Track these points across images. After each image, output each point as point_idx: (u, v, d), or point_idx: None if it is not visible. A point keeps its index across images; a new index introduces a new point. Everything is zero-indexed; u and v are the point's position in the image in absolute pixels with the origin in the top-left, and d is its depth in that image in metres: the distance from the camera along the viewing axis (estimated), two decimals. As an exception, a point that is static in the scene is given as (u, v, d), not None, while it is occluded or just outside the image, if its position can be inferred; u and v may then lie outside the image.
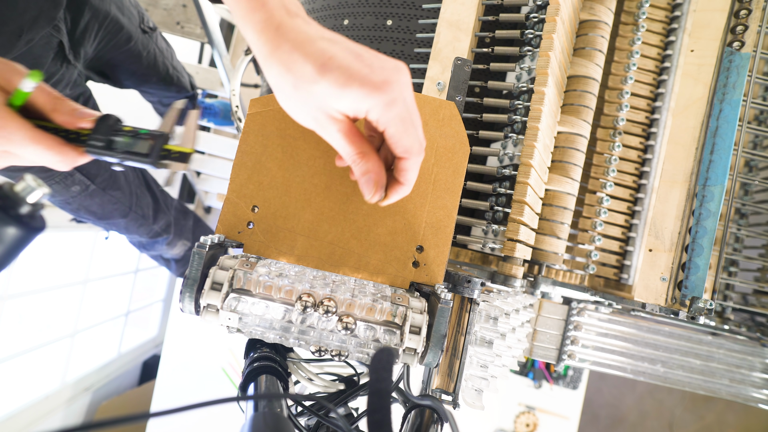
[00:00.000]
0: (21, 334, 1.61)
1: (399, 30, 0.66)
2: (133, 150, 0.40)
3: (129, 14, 1.02)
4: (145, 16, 1.10)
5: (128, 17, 1.01)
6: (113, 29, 0.96)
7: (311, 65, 0.32)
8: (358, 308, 0.42)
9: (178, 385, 1.62)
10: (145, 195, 1.29)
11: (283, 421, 0.36)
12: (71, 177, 1.01)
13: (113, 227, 1.28)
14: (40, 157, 0.38)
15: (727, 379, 0.68)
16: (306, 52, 0.32)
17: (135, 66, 1.11)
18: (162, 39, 1.21)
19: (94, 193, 1.09)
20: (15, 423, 1.57)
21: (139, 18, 1.06)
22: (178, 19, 1.64)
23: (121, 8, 0.98)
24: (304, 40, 0.32)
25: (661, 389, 2.47)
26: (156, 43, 1.15)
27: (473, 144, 0.60)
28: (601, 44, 0.60)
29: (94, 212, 1.15)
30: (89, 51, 0.93)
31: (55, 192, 1.02)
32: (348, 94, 0.32)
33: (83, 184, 1.05)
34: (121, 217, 1.22)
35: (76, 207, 1.10)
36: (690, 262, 0.58)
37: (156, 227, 1.35)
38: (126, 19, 1.00)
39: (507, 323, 0.56)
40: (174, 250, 1.51)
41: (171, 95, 1.34)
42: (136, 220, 1.27)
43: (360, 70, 0.32)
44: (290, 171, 0.49)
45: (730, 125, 0.58)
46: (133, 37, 1.04)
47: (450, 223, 0.49)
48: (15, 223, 0.27)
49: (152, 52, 1.14)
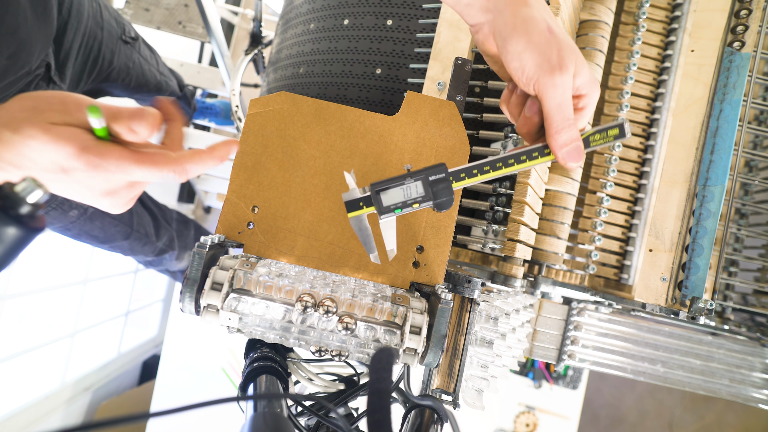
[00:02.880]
0: (21, 334, 1.61)
1: (399, 30, 0.66)
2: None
3: (109, 27, 1.00)
4: (127, 27, 1.08)
5: (108, 31, 0.99)
6: (94, 45, 0.95)
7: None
8: (359, 308, 0.42)
9: (178, 385, 1.62)
10: (144, 213, 1.28)
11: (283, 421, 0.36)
12: (68, 202, 0.98)
13: (117, 250, 1.26)
14: (152, 176, 0.38)
15: (727, 379, 0.68)
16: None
17: (124, 79, 1.09)
18: (145, 47, 1.19)
19: (94, 216, 1.07)
20: (15, 423, 1.56)
21: (120, 29, 1.05)
22: (180, 19, 1.65)
23: (100, 23, 0.96)
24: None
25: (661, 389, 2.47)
26: (140, 53, 1.13)
27: (473, 144, 0.60)
28: (601, 44, 0.60)
29: (96, 236, 1.13)
30: (74, 70, 0.91)
31: (53, 219, 0.99)
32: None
33: (81, 208, 1.03)
34: (124, 238, 1.20)
35: (77, 232, 1.08)
36: (690, 262, 0.58)
37: (160, 244, 1.34)
38: (106, 33, 0.98)
39: (507, 323, 0.56)
40: (182, 263, 1.51)
41: None
42: (140, 239, 1.26)
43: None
44: (290, 171, 0.49)
45: (731, 125, 0.58)
46: (115, 51, 1.02)
47: (450, 223, 0.49)
48: (15, 223, 0.27)
49: (137, 62, 1.12)
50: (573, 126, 0.40)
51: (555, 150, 0.41)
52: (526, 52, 0.38)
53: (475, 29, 0.43)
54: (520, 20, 0.38)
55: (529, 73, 0.38)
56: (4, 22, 0.68)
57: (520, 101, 0.43)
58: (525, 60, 0.38)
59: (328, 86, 0.71)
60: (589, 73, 0.40)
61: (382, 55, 0.67)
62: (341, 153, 0.49)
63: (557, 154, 0.41)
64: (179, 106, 0.43)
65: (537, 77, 0.38)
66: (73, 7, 0.85)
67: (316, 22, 0.74)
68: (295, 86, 0.76)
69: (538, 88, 0.39)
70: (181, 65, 1.70)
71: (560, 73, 0.38)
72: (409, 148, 0.50)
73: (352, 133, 0.50)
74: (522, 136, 0.44)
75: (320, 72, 0.72)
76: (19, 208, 0.27)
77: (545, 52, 0.38)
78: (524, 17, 0.38)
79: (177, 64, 1.69)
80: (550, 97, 0.39)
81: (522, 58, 0.38)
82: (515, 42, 0.38)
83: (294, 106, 0.50)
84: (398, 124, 0.50)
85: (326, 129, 0.50)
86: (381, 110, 0.66)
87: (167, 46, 1.87)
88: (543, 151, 0.42)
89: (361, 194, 0.41)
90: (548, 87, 0.38)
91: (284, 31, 0.85)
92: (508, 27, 0.39)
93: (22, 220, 0.27)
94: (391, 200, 0.41)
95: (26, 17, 0.72)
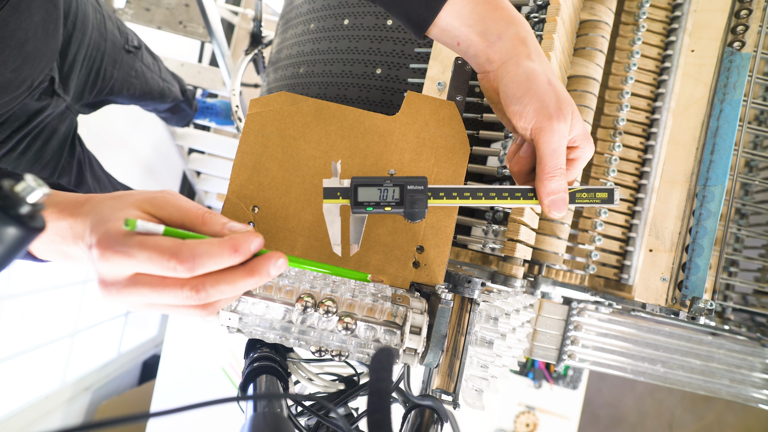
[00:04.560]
0: (21, 334, 1.61)
1: (399, 30, 0.66)
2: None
3: (113, 38, 0.99)
4: (129, 36, 1.07)
5: (112, 41, 0.99)
6: (97, 56, 0.95)
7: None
8: (359, 308, 0.42)
9: (178, 385, 1.62)
10: None
11: (283, 421, 0.36)
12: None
13: None
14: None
15: (727, 379, 0.68)
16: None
17: (128, 89, 1.09)
18: (148, 55, 1.18)
19: None
20: (15, 423, 1.56)
21: (123, 39, 1.04)
22: (181, 18, 1.65)
23: (104, 34, 0.96)
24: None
25: (661, 389, 2.47)
26: (142, 61, 1.13)
27: (473, 144, 0.60)
28: (601, 44, 0.60)
29: None
30: (78, 82, 0.91)
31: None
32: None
33: None
34: None
35: None
36: (690, 262, 0.57)
37: None
38: (109, 44, 0.98)
39: (507, 323, 0.56)
40: None
41: (166, 104, 1.34)
42: None
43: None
44: (290, 171, 0.49)
45: (731, 125, 0.58)
46: (117, 61, 1.02)
47: (450, 223, 0.49)
48: (15, 223, 0.27)
49: (140, 71, 1.12)
50: (563, 176, 0.42)
51: (542, 196, 0.42)
52: (526, 98, 0.40)
53: (481, 76, 0.45)
54: (522, 71, 0.41)
55: (528, 118, 0.41)
56: (15, 37, 0.68)
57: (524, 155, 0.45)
58: (525, 105, 0.40)
59: (328, 86, 0.71)
60: (583, 128, 0.42)
61: (382, 55, 0.67)
62: (341, 153, 0.49)
63: (543, 201, 0.42)
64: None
65: (535, 121, 0.40)
66: (78, 20, 0.85)
67: (316, 22, 0.74)
68: (295, 86, 0.76)
69: (535, 133, 0.41)
70: (181, 65, 1.70)
71: (557, 121, 0.40)
72: (409, 148, 0.50)
73: (352, 133, 0.50)
74: (512, 174, 0.46)
75: (320, 72, 0.72)
76: (19, 208, 0.27)
77: (544, 99, 0.40)
78: (526, 69, 0.41)
79: (177, 64, 1.69)
80: (546, 142, 0.40)
81: (522, 103, 0.40)
82: (516, 89, 0.41)
83: (294, 106, 0.50)
84: (398, 124, 0.50)
85: (326, 129, 0.50)
86: (381, 110, 0.66)
87: (168, 46, 1.87)
88: (527, 193, 0.43)
89: (341, 185, 0.42)
90: (546, 132, 0.40)
91: (284, 31, 0.85)
92: (510, 75, 0.41)
93: (22, 220, 0.27)
94: (366, 197, 0.43)
95: (36, 32, 0.71)
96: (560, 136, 0.40)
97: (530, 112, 0.40)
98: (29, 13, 0.69)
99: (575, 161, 0.43)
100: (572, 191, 0.44)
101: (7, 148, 0.78)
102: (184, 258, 0.31)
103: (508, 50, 0.42)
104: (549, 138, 0.40)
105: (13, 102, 0.74)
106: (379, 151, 0.49)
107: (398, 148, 0.50)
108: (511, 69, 0.41)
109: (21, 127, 0.79)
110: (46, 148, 0.87)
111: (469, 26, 0.42)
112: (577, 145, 0.43)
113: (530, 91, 0.40)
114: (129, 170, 2.13)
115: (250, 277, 0.33)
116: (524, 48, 0.42)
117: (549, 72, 0.42)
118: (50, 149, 0.88)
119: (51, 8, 0.74)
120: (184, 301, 0.32)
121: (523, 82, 0.41)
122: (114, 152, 1.98)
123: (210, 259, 0.32)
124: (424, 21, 0.44)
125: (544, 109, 0.40)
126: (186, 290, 0.32)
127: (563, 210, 0.43)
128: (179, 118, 1.49)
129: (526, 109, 0.40)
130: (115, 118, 1.86)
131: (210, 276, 0.33)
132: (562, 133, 0.40)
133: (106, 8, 1.02)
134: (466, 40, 0.43)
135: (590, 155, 0.44)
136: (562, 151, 0.41)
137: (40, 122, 0.83)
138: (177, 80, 1.37)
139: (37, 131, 0.83)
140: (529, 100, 0.40)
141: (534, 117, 0.40)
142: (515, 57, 0.41)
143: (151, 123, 1.94)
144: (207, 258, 0.31)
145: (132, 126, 2.06)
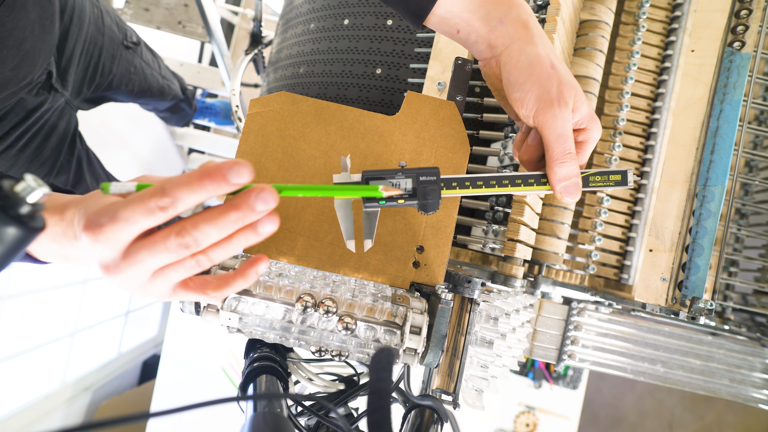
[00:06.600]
0: (21, 334, 1.61)
1: (399, 30, 0.66)
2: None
3: (111, 33, 0.99)
4: (128, 32, 1.07)
5: (110, 36, 0.99)
6: (95, 51, 0.94)
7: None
8: (359, 308, 0.42)
9: (178, 385, 1.61)
10: None
11: (283, 421, 0.36)
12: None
13: None
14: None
15: (727, 379, 0.68)
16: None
17: (127, 85, 1.09)
18: (147, 51, 1.18)
19: None
20: (15, 423, 1.56)
21: (122, 35, 1.04)
22: (180, 19, 1.65)
23: (101, 29, 0.96)
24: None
25: (661, 389, 2.47)
26: (141, 57, 1.13)
27: (473, 144, 0.60)
28: (601, 44, 0.60)
29: None
30: (76, 77, 0.91)
31: None
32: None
33: None
34: None
35: None
36: (690, 262, 0.57)
37: None
38: (107, 39, 0.98)
39: (507, 323, 0.56)
40: None
41: (166, 103, 1.33)
42: None
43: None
44: (290, 171, 0.49)
45: (731, 125, 0.58)
46: (116, 57, 1.02)
47: (450, 223, 0.49)
48: (15, 223, 0.27)
49: (139, 67, 1.12)
50: (574, 160, 0.41)
51: (553, 183, 0.42)
52: (528, 84, 0.40)
53: (483, 63, 0.45)
54: (524, 56, 0.40)
55: (530, 105, 0.40)
56: (13, 36, 0.68)
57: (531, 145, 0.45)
58: (527, 91, 0.40)
59: (328, 86, 0.71)
60: (588, 109, 0.42)
61: (382, 55, 0.67)
62: (341, 153, 0.49)
63: (555, 187, 0.42)
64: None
65: (536, 109, 0.40)
66: (74, 14, 0.85)
67: (316, 22, 0.74)
68: (295, 86, 0.76)
69: (537, 119, 0.40)
70: (181, 65, 1.70)
71: (558, 106, 0.39)
72: (409, 148, 0.50)
73: (352, 133, 0.50)
74: (522, 163, 0.45)
75: (320, 72, 0.72)
76: (19, 208, 0.27)
77: (545, 85, 0.39)
78: (529, 54, 0.40)
79: (177, 64, 1.69)
80: (550, 128, 0.40)
81: (524, 89, 0.40)
82: (518, 75, 0.40)
83: (294, 106, 0.50)
84: (398, 124, 0.50)
85: (326, 129, 0.50)
86: (381, 110, 0.66)
87: (167, 46, 1.87)
88: (540, 179, 0.43)
89: (352, 179, 0.41)
90: (548, 118, 0.40)
91: (284, 31, 0.85)
92: (513, 61, 0.41)
93: (22, 220, 0.27)
94: None
95: (33, 30, 0.72)
96: (564, 120, 0.40)
97: (531, 99, 0.40)
98: (25, 11, 0.69)
99: (584, 143, 0.43)
100: (585, 175, 0.43)
101: (6, 145, 0.78)
102: (157, 192, 0.30)
103: (511, 34, 0.41)
104: (552, 124, 0.40)
105: (11, 97, 0.74)
106: (379, 151, 0.49)
107: (398, 148, 0.50)
108: (514, 55, 0.41)
109: (20, 123, 0.79)
110: (46, 144, 0.87)
111: (470, 11, 0.42)
112: (584, 127, 0.42)
113: (532, 77, 0.40)
114: (129, 170, 2.13)
115: (231, 212, 0.31)
116: (527, 32, 0.41)
117: (552, 55, 0.41)
118: (49, 146, 0.88)
119: (46, 4, 0.74)
120: (177, 250, 0.31)
121: (525, 68, 0.40)
122: (114, 152, 1.98)
123: (183, 187, 0.30)
124: (423, 9, 0.43)
125: (545, 95, 0.39)
126: (172, 237, 0.31)
127: (576, 195, 0.42)
128: (179, 118, 1.49)
129: (528, 96, 0.40)
130: (115, 118, 1.86)
131: (191, 217, 0.31)
132: (565, 117, 0.40)
133: (105, 4, 1.02)
134: (467, 26, 0.43)
135: (598, 136, 0.43)
136: (569, 135, 0.40)
137: (39, 118, 0.83)
138: (177, 79, 1.37)
139: (36, 128, 0.83)
140: (531, 86, 0.40)
141: (535, 104, 0.40)
142: (518, 41, 0.41)
143: (150, 123, 1.94)
144: (178, 186, 0.30)
145: (132, 126, 2.06)
